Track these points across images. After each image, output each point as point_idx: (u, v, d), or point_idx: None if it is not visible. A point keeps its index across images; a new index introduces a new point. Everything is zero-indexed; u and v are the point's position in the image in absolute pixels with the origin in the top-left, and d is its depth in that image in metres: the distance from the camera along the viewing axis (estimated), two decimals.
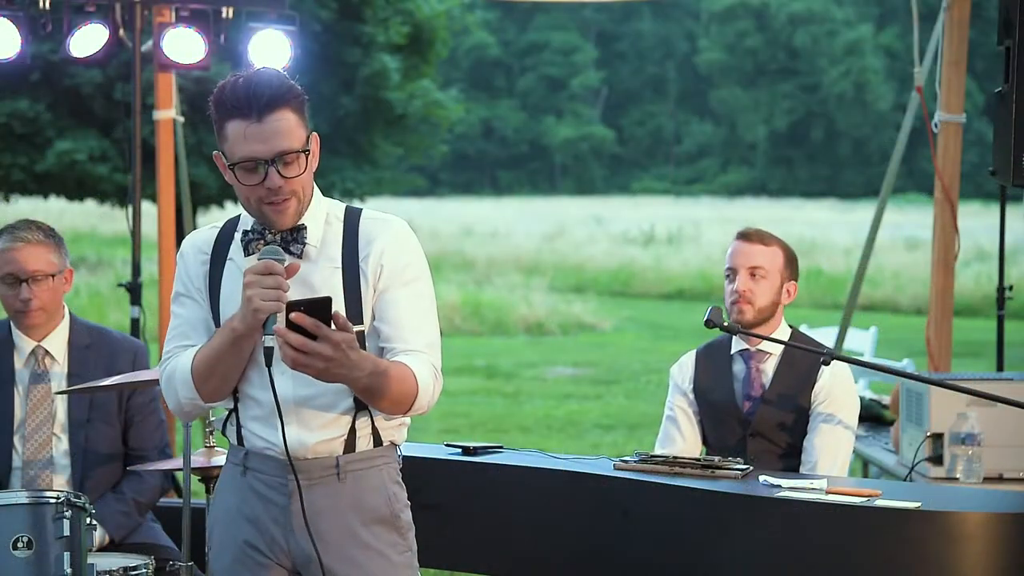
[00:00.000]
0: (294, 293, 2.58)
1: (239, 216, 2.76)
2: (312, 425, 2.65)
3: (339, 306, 2.62)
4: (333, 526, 2.66)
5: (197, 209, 20.04)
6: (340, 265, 2.66)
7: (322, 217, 2.69)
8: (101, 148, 18.15)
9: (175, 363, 2.69)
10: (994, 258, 6.13)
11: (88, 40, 5.30)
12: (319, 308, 2.41)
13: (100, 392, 3.70)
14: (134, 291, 5.52)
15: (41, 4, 5.26)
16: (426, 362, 2.64)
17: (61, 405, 3.75)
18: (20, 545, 3.10)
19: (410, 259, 2.69)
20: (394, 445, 2.76)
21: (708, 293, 17.69)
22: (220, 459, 3.50)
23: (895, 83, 47.54)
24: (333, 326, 2.41)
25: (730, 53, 51.05)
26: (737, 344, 3.88)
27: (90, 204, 21.62)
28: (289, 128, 2.58)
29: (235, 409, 2.72)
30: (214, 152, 2.66)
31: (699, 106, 53.57)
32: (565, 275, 19.87)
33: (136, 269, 5.58)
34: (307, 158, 2.61)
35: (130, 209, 5.56)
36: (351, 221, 2.70)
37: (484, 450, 3.80)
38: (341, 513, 2.67)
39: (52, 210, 26.35)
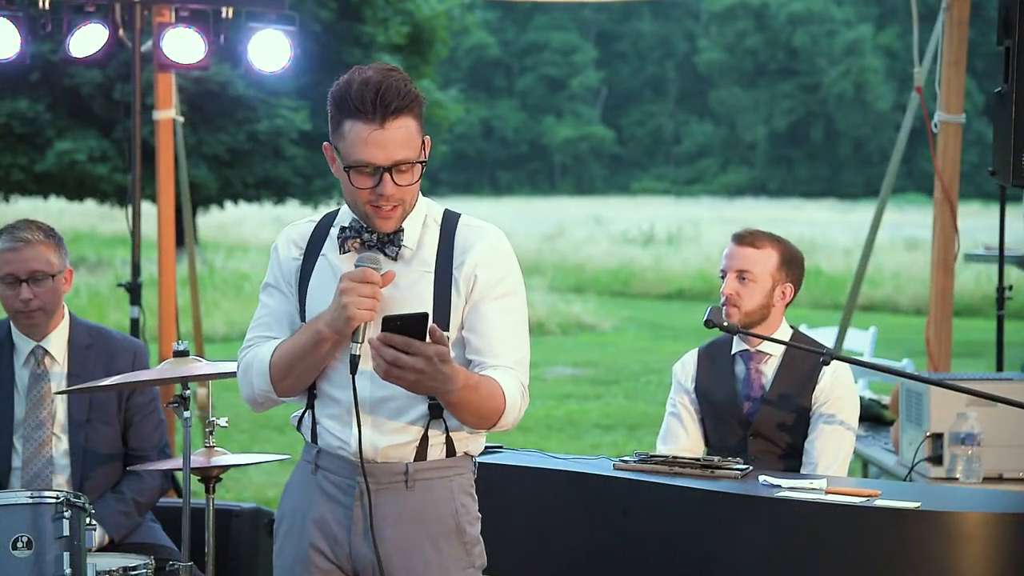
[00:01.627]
0: (385, 294, 2.56)
1: (337, 211, 2.72)
2: (385, 428, 2.61)
3: (426, 310, 2.58)
4: (396, 534, 2.63)
5: (197, 209, 20.06)
6: (432, 270, 2.62)
7: (420, 219, 2.66)
8: (101, 148, 18.16)
9: (254, 353, 2.67)
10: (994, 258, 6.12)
11: (88, 40, 5.30)
12: (415, 323, 2.39)
13: (100, 392, 3.70)
14: (134, 291, 5.51)
15: (41, 4, 5.26)
16: (515, 379, 2.61)
17: (61, 405, 3.75)
18: (20, 545, 3.10)
19: (505, 272, 2.65)
20: (468, 456, 2.73)
21: (708, 293, 17.69)
22: (220, 459, 3.50)
23: (895, 83, 47.55)
24: (428, 339, 2.39)
25: (730, 53, 51.06)
26: (738, 345, 3.88)
27: (90, 204, 21.64)
28: (409, 137, 2.55)
29: (311, 405, 2.69)
30: (324, 143, 2.63)
31: (699, 106, 53.59)
32: (565, 275, 19.87)
33: (136, 269, 5.58)
34: (422, 167, 2.58)
35: (130, 209, 5.56)
36: (448, 226, 2.66)
37: (484, 450, 3.79)
38: (405, 522, 2.63)
39: (52, 210, 26.36)
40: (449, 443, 2.66)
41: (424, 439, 2.63)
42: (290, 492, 2.75)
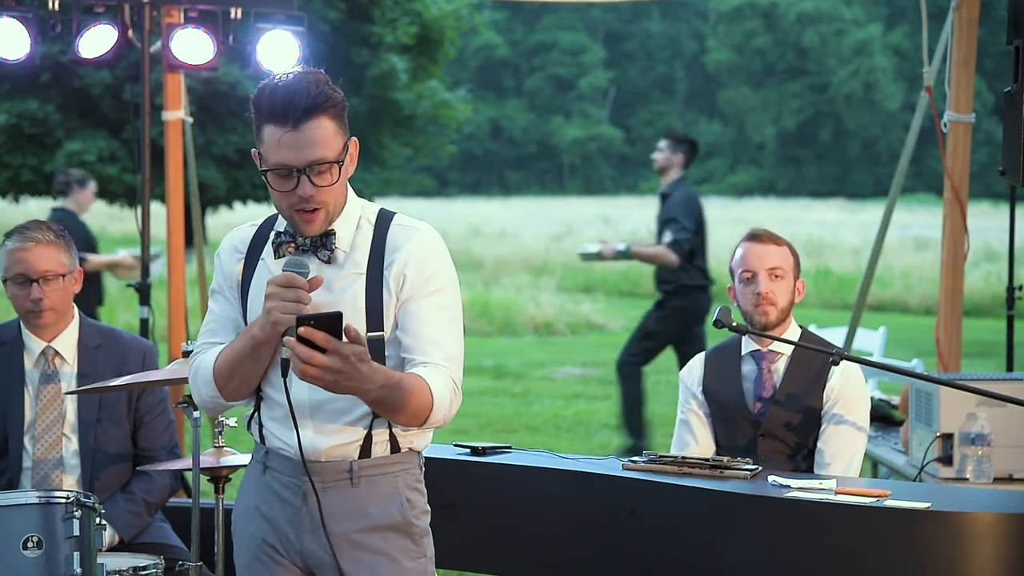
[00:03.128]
0: (318, 298, 2.58)
1: (277, 215, 2.75)
2: (327, 429, 2.65)
3: (360, 313, 2.62)
4: (343, 530, 2.67)
5: (206, 210, 20.08)
6: (364, 271, 2.65)
7: (354, 221, 2.68)
8: (110, 149, 18.18)
9: (200, 360, 2.72)
10: (1003, 258, 6.11)
11: (97, 41, 5.31)
12: (330, 322, 2.41)
13: (109, 392, 3.71)
14: (143, 292, 5.52)
15: (50, 5, 5.27)
16: (444, 375, 2.61)
17: (71, 405, 3.76)
18: (30, 545, 3.11)
19: (435, 269, 2.66)
20: (414, 451, 2.75)
21: (717, 293, 17.65)
22: (229, 459, 3.51)
23: (904, 83, 47.47)
24: (345, 338, 2.41)
25: (738, 53, 51.00)
26: (748, 345, 3.88)
27: (99, 205, 21.63)
28: (325, 137, 2.56)
29: (258, 408, 2.74)
30: (253, 149, 2.66)
31: (707, 106, 53.54)
32: (573, 275, 19.85)
33: (145, 270, 5.59)
34: (340, 168, 2.59)
35: (139, 210, 5.57)
36: (381, 226, 2.68)
37: (493, 450, 3.80)
38: (352, 518, 2.67)
39: None
40: (393, 440, 2.69)
41: (368, 438, 2.67)
42: (243, 492, 2.80)
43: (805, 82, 49.72)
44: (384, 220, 2.70)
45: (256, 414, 2.74)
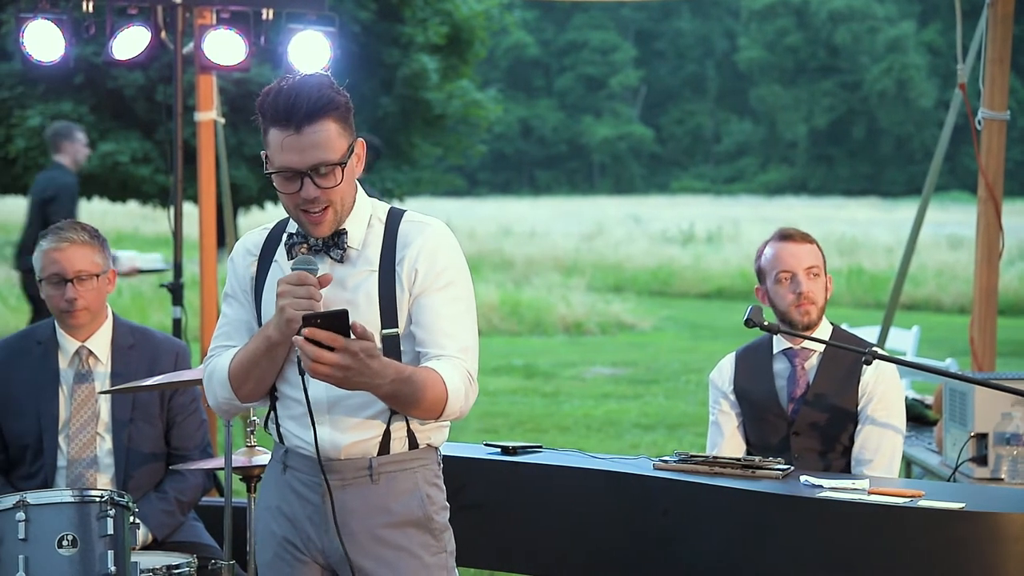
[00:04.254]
0: (332, 296, 2.61)
1: (288, 218, 2.77)
2: (345, 426, 2.67)
3: (374, 309, 2.64)
4: (364, 527, 2.68)
5: (238, 210, 20.18)
6: (376, 268, 2.67)
7: (364, 220, 2.71)
8: (143, 150, 18.30)
9: (215, 363, 2.74)
10: None
11: (130, 42, 5.34)
12: (336, 320, 2.42)
13: (143, 392, 3.73)
14: (176, 292, 5.56)
15: (84, 7, 5.31)
16: (458, 367, 2.62)
17: (105, 405, 3.79)
18: (65, 543, 3.13)
19: (446, 263, 2.68)
20: (432, 447, 2.76)
21: (748, 292, 17.56)
22: (261, 459, 3.52)
23: (938, 80, 47.13)
24: (352, 336, 2.42)
25: (770, 51, 50.78)
26: (780, 343, 3.86)
27: (132, 205, 21.82)
28: (328, 139, 2.59)
29: (274, 408, 2.76)
30: (262, 151, 2.69)
31: (739, 104, 53.34)
32: (604, 275, 19.82)
33: (178, 270, 5.62)
34: (343, 169, 2.61)
35: (172, 210, 5.60)
36: (392, 223, 2.71)
37: (524, 450, 3.80)
38: (372, 514, 2.68)
39: (95, 211, 26.62)
40: (411, 436, 2.71)
41: (386, 433, 2.68)
42: (264, 491, 2.82)
43: (837, 80, 49.44)
44: (394, 217, 2.73)
45: (273, 413, 2.76)
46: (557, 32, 53.69)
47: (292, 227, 2.72)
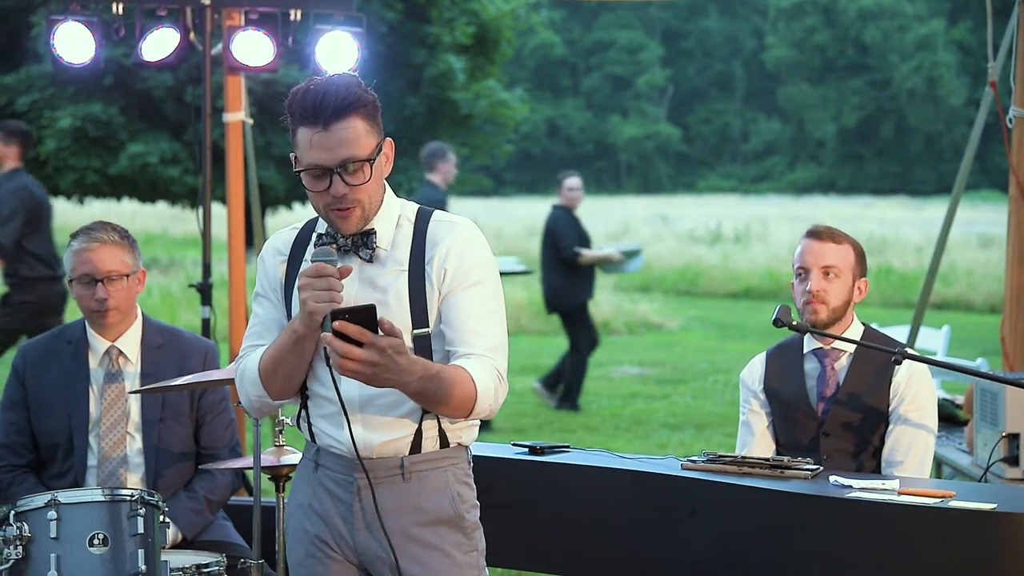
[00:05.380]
0: (363, 296, 2.62)
1: (317, 218, 2.78)
2: (377, 425, 2.67)
3: (404, 309, 2.65)
4: (396, 525, 2.69)
5: (266, 211, 20.25)
6: (406, 268, 2.68)
7: (393, 219, 2.71)
8: (172, 151, 18.40)
9: (246, 362, 2.75)
10: None
11: (160, 44, 5.37)
12: (364, 316, 2.43)
13: (172, 391, 3.75)
14: (204, 292, 5.58)
15: (114, 9, 5.35)
16: (488, 365, 2.63)
17: (135, 404, 3.81)
18: (96, 542, 3.15)
19: (475, 262, 2.69)
20: (462, 446, 2.77)
21: (776, 292, 17.52)
22: (290, 458, 3.53)
23: (968, 78, 46.80)
24: (380, 332, 2.43)
25: (798, 49, 50.56)
26: (810, 343, 3.83)
27: (161, 206, 21.94)
28: (356, 137, 2.60)
29: (305, 406, 2.76)
30: (291, 152, 2.70)
31: (766, 103, 53.14)
32: (631, 275, 19.74)
33: (206, 270, 5.64)
34: (371, 166, 2.62)
35: (200, 211, 5.63)
36: (421, 223, 2.72)
37: (551, 450, 3.79)
38: (404, 513, 2.69)
39: (125, 212, 26.80)
40: (442, 435, 2.71)
41: (418, 432, 2.69)
42: (296, 490, 2.82)
43: (866, 78, 49.17)
44: (423, 217, 2.74)
45: (304, 412, 2.77)
46: (584, 32, 53.64)
47: (321, 227, 2.74)
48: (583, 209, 10.61)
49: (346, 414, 2.60)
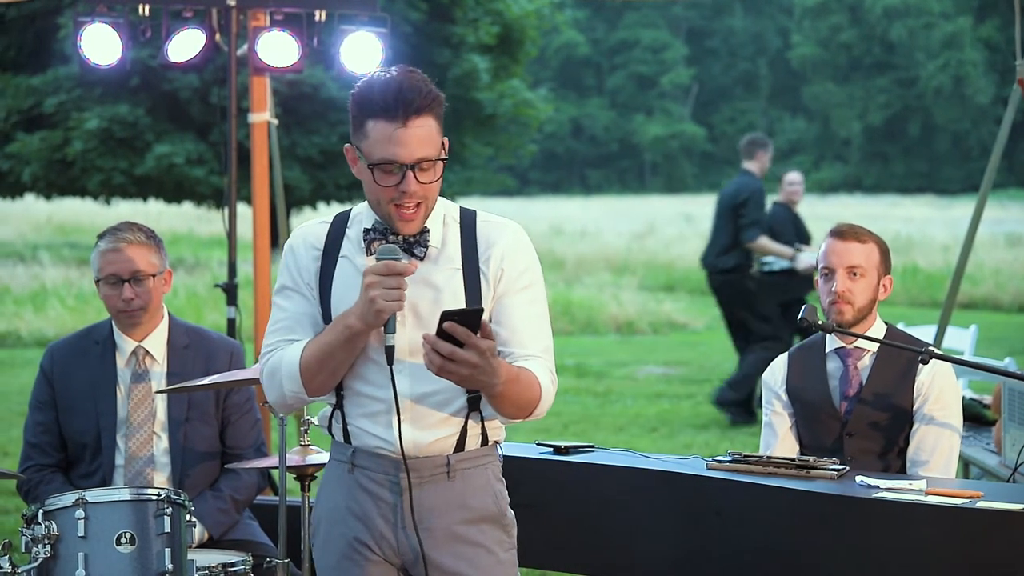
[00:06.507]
0: (418, 294, 2.63)
1: (348, 211, 2.77)
2: (426, 424, 2.67)
3: (459, 307, 2.64)
4: (442, 524, 2.69)
5: (291, 211, 20.33)
6: (460, 266, 2.68)
7: (440, 218, 2.72)
8: (198, 151, 18.49)
9: (280, 356, 2.70)
10: None
11: (186, 45, 5.40)
12: (471, 318, 2.44)
13: (198, 391, 3.77)
14: (230, 292, 5.60)
15: (141, 10, 5.37)
16: (545, 368, 2.68)
17: (161, 404, 3.83)
18: (123, 541, 3.17)
19: (527, 264, 2.72)
20: (496, 443, 2.79)
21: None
22: (315, 458, 3.54)
23: (995, 76, 46.46)
24: (479, 334, 2.45)
25: (824, 48, 50.33)
26: (832, 342, 3.82)
27: (187, 206, 22.05)
28: (430, 135, 2.61)
29: (340, 406, 2.73)
30: (346, 145, 2.69)
31: (792, 102, 52.93)
32: (655, 274, 19.74)
33: (232, 270, 5.66)
34: (442, 165, 2.64)
35: (226, 211, 5.65)
36: (468, 223, 2.73)
37: (576, 449, 3.79)
38: (450, 511, 2.69)
39: (151, 212, 26.94)
40: (484, 433, 2.73)
41: (463, 431, 2.69)
42: (326, 492, 2.79)
43: (892, 76, 48.90)
44: (469, 217, 2.74)
45: (339, 412, 2.74)
46: (608, 31, 53.57)
47: (367, 221, 2.71)
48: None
49: (398, 408, 2.60)
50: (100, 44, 5.29)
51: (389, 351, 2.55)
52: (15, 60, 18.83)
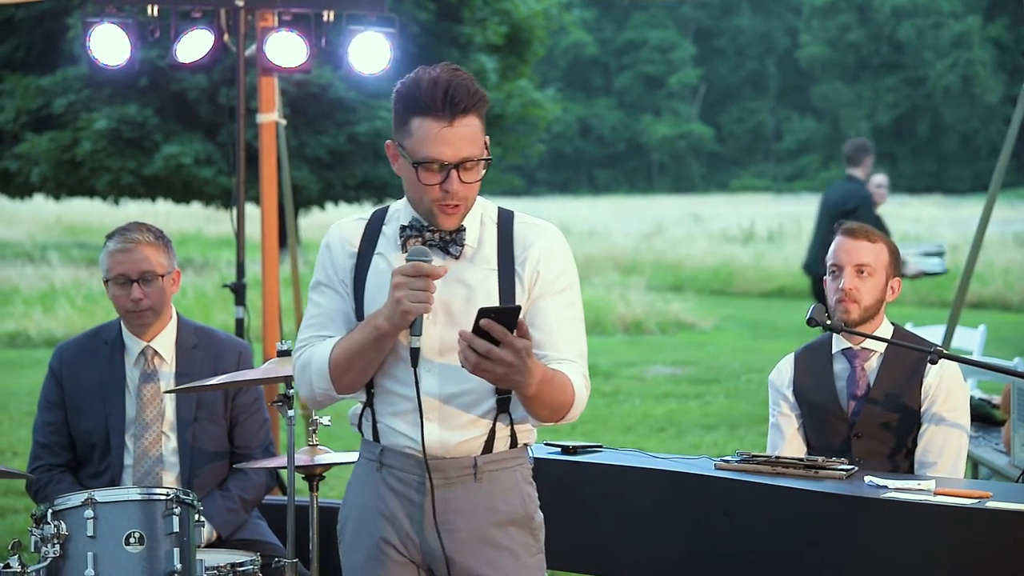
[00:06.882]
0: (450, 293, 2.61)
1: (385, 209, 2.76)
2: (454, 424, 2.66)
3: (519, 304, 2.64)
4: (468, 525, 2.68)
5: (299, 211, 20.35)
6: (495, 266, 2.67)
7: (478, 217, 2.71)
8: (206, 152, 18.52)
9: (311, 352, 2.70)
10: None
11: (194, 46, 5.41)
12: (508, 316, 2.43)
13: (206, 391, 3.77)
14: (238, 292, 5.61)
15: (149, 11, 5.39)
16: (579, 372, 2.66)
17: (170, 404, 3.83)
18: (132, 540, 3.17)
19: (564, 267, 2.71)
20: (527, 446, 2.77)
21: (809, 291, 17.41)
22: (323, 457, 3.54)
23: (1004, 75, 46.35)
24: (515, 333, 2.44)
25: (832, 47, 50.26)
26: (839, 343, 3.81)
27: (196, 207, 22.08)
28: (475, 134, 2.60)
29: (370, 403, 2.73)
30: (387, 141, 2.68)
31: (800, 102, 52.85)
32: (663, 274, 19.73)
33: (240, 270, 5.67)
34: (484, 165, 2.63)
35: (234, 211, 5.66)
36: (505, 223, 2.72)
37: (584, 449, 3.79)
38: (476, 513, 2.68)
39: (159, 213, 26.98)
40: (513, 435, 2.71)
41: (492, 432, 2.68)
42: (354, 491, 2.79)
43: (901, 76, 48.81)
44: (506, 218, 2.73)
45: (368, 410, 2.73)
46: (616, 31, 53.54)
47: (401, 219, 2.70)
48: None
49: (422, 414, 2.59)
50: (109, 45, 5.31)
51: (414, 353, 2.54)
52: (24, 61, 18.88)
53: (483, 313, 2.42)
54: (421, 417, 2.60)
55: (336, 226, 2.78)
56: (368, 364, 2.64)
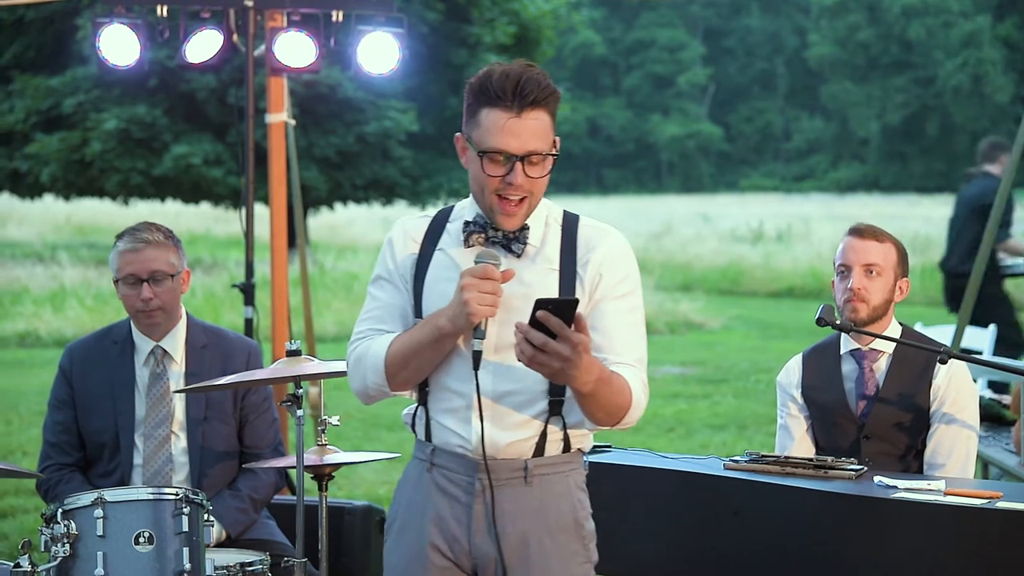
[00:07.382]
0: (509, 291, 2.59)
1: (451, 207, 2.76)
2: (504, 424, 2.63)
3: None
4: (516, 530, 2.65)
5: (308, 211, 20.37)
6: (557, 267, 2.66)
7: (542, 218, 2.70)
8: (215, 152, 18.54)
9: (367, 346, 2.68)
10: None
11: (203, 46, 5.42)
12: (564, 309, 2.41)
13: (216, 391, 3.78)
14: (247, 292, 5.61)
15: (159, 11, 5.39)
16: (638, 377, 2.64)
17: (179, 404, 3.84)
18: (142, 540, 3.18)
19: (627, 272, 2.69)
20: (581, 452, 2.74)
21: (819, 291, 17.38)
22: (332, 457, 3.54)
23: (1014, 75, 46.20)
24: (572, 327, 2.42)
25: (841, 47, 50.17)
26: (848, 343, 3.80)
27: (205, 207, 22.11)
28: (543, 129, 2.60)
29: (423, 402, 2.71)
30: (456, 133, 2.68)
31: (809, 101, 52.81)
32: (672, 274, 19.71)
33: (249, 270, 5.68)
34: (551, 162, 2.62)
35: (243, 211, 5.66)
36: (569, 226, 2.71)
37: (593, 449, 3.78)
38: (525, 518, 2.65)
39: (169, 213, 27.02)
40: (566, 439, 2.68)
41: (543, 435, 2.65)
42: (404, 490, 2.76)
43: (910, 75, 48.72)
44: (571, 220, 2.72)
45: (421, 409, 2.71)
46: (625, 30, 53.53)
47: (465, 215, 2.69)
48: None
49: (480, 411, 2.57)
50: (118, 45, 5.31)
51: (476, 356, 2.52)
52: (34, 61, 18.91)
53: (540, 304, 2.39)
54: (481, 419, 2.57)
55: (400, 222, 2.78)
56: (425, 363, 2.62)
